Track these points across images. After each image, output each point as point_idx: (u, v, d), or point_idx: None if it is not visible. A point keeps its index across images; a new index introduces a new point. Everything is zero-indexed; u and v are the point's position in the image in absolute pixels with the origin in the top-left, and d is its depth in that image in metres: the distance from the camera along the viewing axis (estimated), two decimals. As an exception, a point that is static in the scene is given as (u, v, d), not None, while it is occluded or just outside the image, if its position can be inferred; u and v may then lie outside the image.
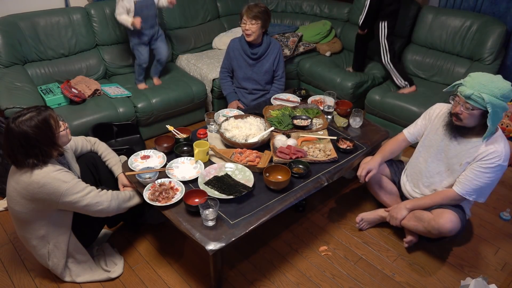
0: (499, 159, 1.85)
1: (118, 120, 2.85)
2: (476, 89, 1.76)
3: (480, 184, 1.91)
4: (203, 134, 2.23)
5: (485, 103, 1.74)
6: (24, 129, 1.61)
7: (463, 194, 1.95)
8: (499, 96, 1.74)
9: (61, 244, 1.86)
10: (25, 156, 1.65)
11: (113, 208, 1.85)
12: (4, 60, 2.85)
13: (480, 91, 1.75)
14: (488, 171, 1.88)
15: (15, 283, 2.01)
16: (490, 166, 1.87)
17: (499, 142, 1.87)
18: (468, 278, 2.00)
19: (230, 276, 2.07)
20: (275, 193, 1.94)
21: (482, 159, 1.88)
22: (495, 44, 3.07)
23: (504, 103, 1.76)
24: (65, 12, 3.12)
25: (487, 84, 1.75)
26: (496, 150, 1.85)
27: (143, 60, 3.13)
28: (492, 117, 1.77)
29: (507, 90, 1.74)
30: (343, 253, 2.22)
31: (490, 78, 1.78)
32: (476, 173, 1.90)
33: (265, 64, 2.92)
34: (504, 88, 1.74)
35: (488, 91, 1.74)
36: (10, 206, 1.79)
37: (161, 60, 3.20)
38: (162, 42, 3.16)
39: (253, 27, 2.73)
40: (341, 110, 2.55)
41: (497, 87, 1.74)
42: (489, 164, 1.87)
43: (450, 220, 1.93)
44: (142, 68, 3.18)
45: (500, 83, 1.76)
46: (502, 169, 1.89)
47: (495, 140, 1.88)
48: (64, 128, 1.76)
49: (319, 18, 4.15)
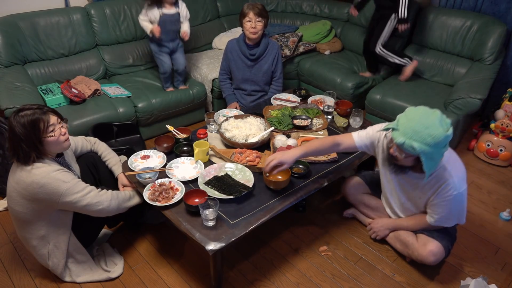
0: (454, 190, 1.77)
1: (118, 120, 2.85)
2: (408, 136, 1.60)
3: (448, 215, 1.88)
4: (203, 134, 2.23)
5: (417, 152, 1.61)
6: (14, 124, 1.63)
7: (437, 225, 1.94)
8: (432, 145, 1.58)
9: (61, 244, 1.86)
10: (12, 150, 1.68)
11: (113, 208, 1.85)
12: (4, 60, 2.85)
13: (412, 139, 1.59)
14: (449, 203, 1.83)
15: (15, 283, 2.01)
16: (448, 199, 1.81)
17: (449, 172, 1.77)
18: (468, 278, 2.00)
19: (230, 276, 2.07)
20: (275, 193, 1.94)
21: (438, 194, 1.83)
22: (495, 44, 3.07)
23: (439, 149, 1.62)
24: (65, 12, 3.12)
25: (420, 130, 1.58)
26: (447, 183, 1.77)
27: (166, 68, 3.12)
28: (427, 163, 1.64)
29: (441, 138, 1.58)
30: (343, 253, 2.22)
31: (425, 123, 1.59)
32: (440, 206, 1.86)
33: (264, 65, 2.92)
34: (438, 136, 1.57)
35: (420, 139, 1.58)
36: (10, 206, 1.79)
37: (178, 71, 3.21)
38: (180, 54, 3.17)
39: (259, 24, 2.74)
40: (341, 110, 2.55)
41: (430, 135, 1.57)
42: (446, 197, 1.81)
43: (433, 253, 1.94)
44: (167, 76, 3.17)
45: (434, 129, 1.57)
46: (462, 195, 1.81)
47: (443, 170, 1.78)
48: (57, 135, 1.71)
49: (319, 18, 4.15)
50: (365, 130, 1.99)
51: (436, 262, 1.97)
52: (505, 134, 2.94)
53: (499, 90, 3.34)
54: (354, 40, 3.89)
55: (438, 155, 1.66)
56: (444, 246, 1.97)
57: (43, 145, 1.69)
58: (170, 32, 3.01)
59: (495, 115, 3.09)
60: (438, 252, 1.95)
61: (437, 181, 1.81)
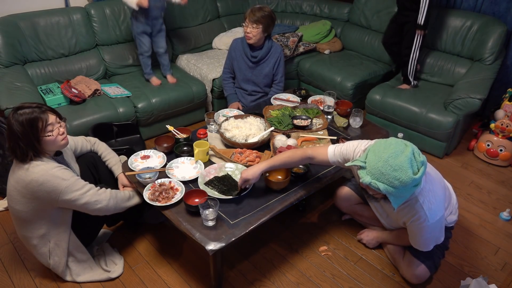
0: (425, 221, 1.71)
1: (118, 120, 2.85)
2: (374, 177, 1.53)
3: (426, 240, 1.85)
4: (203, 134, 2.23)
5: (383, 192, 1.55)
6: (12, 121, 1.63)
7: (418, 248, 1.91)
8: (398, 187, 1.51)
9: (61, 242, 1.87)
10: (11, 148, 1.68)
11: (111, 207, 1.86)
12: (4, 60, 2.85)
13: (378, 180, 1.52)
14: (422, 232, 1.78)
15: (15, 283, 2.01)
16: (422, 228, 1.75)
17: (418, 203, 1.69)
18: (468, 278, 2.00)
19: (230, 276, 2.07)
20: (275, 193, 1.94)
21: (411, 222, 1.77)
22: (495, 44, 3.07)
23: (406, 189, 1.53)
24: (65, 12, 3.12)
25: (386, 173, 1.50)
26: (419, 215, 1.70)
27: (144, 49, 3.12)
28: (395, 200, 1.57)
29: (408, 182, 1.49)
30: (343, 253, 2.22)
31: (393, 164, 1.49)
32: (415, 234, 1.83)
33: (265, 68, 2.92)
34: (405, 180, 1.49)
35: (386, 181, 1.51)
36: (11, 205, 1.79)
37: (158, 51, 3.20)
38: (161, 37, 3.16)
39: (254, 31, 2.73)
40: (341, 110, 2.55)
41: (397, 178, 1.49)
42: (418, 226, 1.76)
43: (415, 276, 1.97)
44: (146, 57, 3.16)
45: (402, 173, 1.48)
46: (435, 224, 1.74)
47: (415, 202, 1.69)
48: (55, 135, 1.71)
49: (319, 18, 4.15)
50: (342, 146, 1.84)
51: (419, 283, 2.01)
52: (505, 134, 2.94)
53: (499, 90, 3.34)
54: (354, 40, 3.90)
55: (407, 193, 1.57)
56: (429, 266, 1.97)
57: (41, 144, 1.69)
58: (154, 8, 2.96)
59: (495, 115, 3.09)
60: (421, 275, 1.97)
61: (408, 211, 1.74)
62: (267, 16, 2.72)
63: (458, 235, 2.34)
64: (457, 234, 2.34)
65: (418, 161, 1.54)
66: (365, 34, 3.81)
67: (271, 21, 2.77)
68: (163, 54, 3.22)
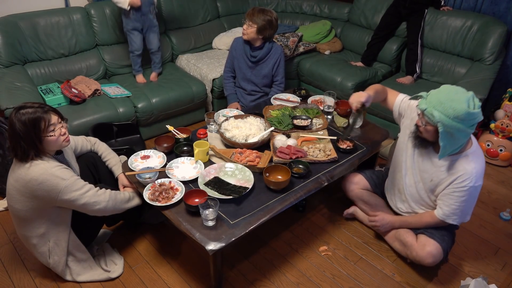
0: (470, 181, 1.78)
1: (118, 120, 2.85)
2: (431, 105, 1.67)
3: (458, 207, 1.87)
4: (203, 134, 2.23)
5: (436, 121, 1.66)
6: (14, 121, 1.63)
7: (444, 219, 1.92)
8: (452, 117, 1.63)
9: (61, 242, 1.87)
10: (11, 147, 1.68)
11: (110, 208, 1.86)
12: (4, 60, 2.85)
13: (434, 108, 1.66)
14: (462, 194, 1.83)
15: (15, 283, 2.01)
16: (462, 190, 1.81)
17: (470, 163, 1.79)
18: (468, 278, 2.00)
19: (230, 276, 2.07)
20: (275, 193, 1.94)
21: (453, 182, 1.83)
22: (495, 44, 3.07)
23: (459, 124, 1.64)
24: (65, 12, 3.12)
25: (444, 102, 1.64)
26: (466, 172, 1.78)
27: (135, 47, 3.14)
28: (444, 136, 1.68)
29: (462, 113, 1.62)
30: (343, 253, 2.22)
31: (451, 96, 1.65)
32: (451, 197, 1.86)
33: (264, 68, 2.92)
34: (459, 109, 1.62)
35: (441, 109, 1.64)
36: (10, 204, 1.79)
37: (151, 49, 3.22)
38: (154, 34, 3.18)
39: (248, 29, 2.74)
40: (341, 110, 2.55)
41: (452, 108, 1.62)
42: (461, 187, 1.81)
43: (431, 255, 1.94)
44: (136, 55, 3.19)
45: (457, 103, 1.62)
46: (476, 190, 1.82)
47: (465, 160, 1.80)
48: (57, 135, 1.71)
49: (319, 18, 4.15)
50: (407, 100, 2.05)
51: (433, 264, 1.98)
52: (505, 134, 2.94)
53: (499, 90, 3.34)
54: (354, 40, 3.89)
55: (457, 132, 1.67)
56: (443, 248, 1.97)
57: (42, 143, 1.69)
58: (142, 4, 2.98)
59: (495, 115, 3.09)
60: (437, 254, 1.95)
61: (456, 169, 1.81)
62: (266, 20, 2.71)
63: (458, 235, 2.34)
64: (457, 234, 2.34)
65: (476, 104, 1.66)
66: (365, 34, 3.81)
67: (269, 26, 2.75)
68: (155, 52, 3.24)
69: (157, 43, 3.21)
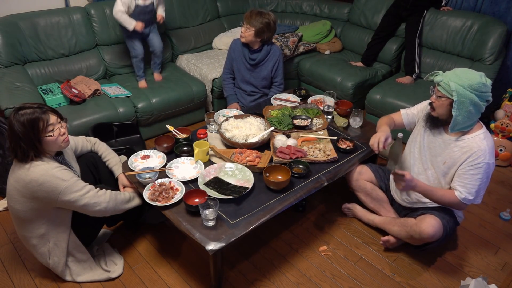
0: (484, 157, 1.84)
1: (118, 120, 2.85)
2: (447, 77, 1.79)
3: (473, 187, 1.88)
4: (203, 134, 2.23)
5: (451, 90, 1.76)
6: (13, 122, 1.63)
7: (462, 199, 1.90)
8: (466, 86, 1.74)
9: (61, 242, 1.87)
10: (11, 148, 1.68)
11: (110, 209, 1.86)
12: (4, 60, 2.85)
13: (450, 79, 1.77)
14: (477, 172, 1.86)
15: (15, 283, 2.01)
16: (477, 167, 1.85)
17: (482, 140, 1.85)
18: (468, 278, 2.00)
19: (230, 276, 2.07)
20: (275, 193, 1.94)
21: (467, 160, 1.87)
22: (495, 44, 3.07)
23: (472, 95, 1.75)
24: (65, 12, 3.12)
25: (459, 74, 1.78)
26: (480, 149, 1.84)
27: (137, 52, 3.13)
28: (458, 106, 1.77)
29: (476, 82, 1.74)
30: (343, 253, 2.22)
31: (466, 70, 1.80)
32: (467, 176, 1.88)
33: (263, 71, 2.92)
34: (474, 79, 1.75)
35: (457, 80, 1.76)
36: (10, 205, 1.79)
37: (155, 52, 3.21)
38: (154, 34, 3.17)
39: (246, 32, 2.74)
40: (341, 110, 2.55)
41: (467, 78, 1.75)
42: (476, 164, 1.85)
43: (431, 225, 1.94)
44: (139, 60, 3.17)
45: (472, 74, 1.76)
46: (490, 167, 1.87)
47: (479, 138, 1.86)
48: (56, 135, 1.71)
49: (319, 18, 4.15)
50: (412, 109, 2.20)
51: (434, 237, 1.94)
52: (505, 134, 2.94)
53: (499, 90, 3.33)
54: (354, 40, 3.89)
55: (470, 105, 1.76)
56: (444, 224, 1.97)
57: (42, 144, 1.69)
58: (145, 22, 3.00)
59: (495, 115, 3.09)
60: (437, 225, 1.94)
61: (469, 146, 1.86)
62: (264, 23, 2.71)
63: (458, 235, 2.35)
64: (457, 234, 2.34)
65: (488, 80, 1.79)
66: (365, 34, 3.81)
67: (267, 29, 2.74)
68: (157, 54, 3.24)
69: (158, 45, 3.19)
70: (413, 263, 2.16)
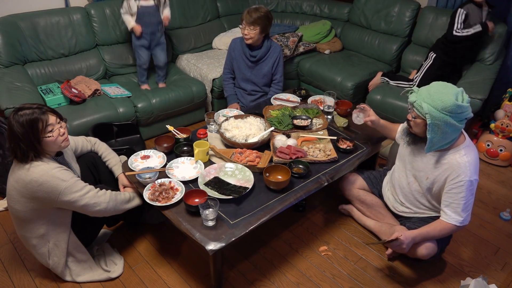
0: (464, 175, 1.78)
1: (118, 120, 2.85)
2: (421, 97, 1.74)
3: (458, 205, 1.84)
4: (203, 134, 2.23)
5: (424, 112, 1.71)
6: (13, 122, 1.63)
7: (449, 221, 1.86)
8: (440, 109, 1.68)
9: (61, 243, 1.87)
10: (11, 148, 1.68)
11: (110, 209, 1.86)
12: (4, 60, 2.85)
13: (423, 100, 1.72)
14: (459, 191, 1.81)
15: (15, 283, 2.01)
16: (459, 185, 1.80)
17: (462, 157, 1.80)
18: (468, 278, 2.00)
19: (230, 276, 2.07)
20: (275, 193, 1.94)
21: (449, 178, 1.83)
22: (495, 44, 3.07)
23: (447, 116, 1.68)
24: (65, 12, 3.12)
25: (432, 94, 1.71)
26: (459, 166, 1.78)
27: (142, 62, 3.16)
28: (432, 129, 1.72)
29: (450, 104, 1.66)
30: (343, 253, 2.22)
31: (440, 89, 1.71)
32: (450, 195, 1.85)
33: (264, 68, 2.92)
34: (447, 101, 1.67)
35: (430, 101, 1.70)
36: (10, 205, 1.79)
37: (159, 65, 3.23)
38: (162, 51, 3.19)
39: (251, 32, 2.74)
40: (341, 110, 2.55)
41: (441, 99, 1.68)
42: (457, 183, 1.80)
43: (425, 247, 1.95)
44: (143, 69, 3.20)
45: (446, 95, 1.68)
46: (472, 184, 1.81)
47: (459, 154, 1.81)
48: (56, 136, 1.71)
49: (319, 18, 4.15)
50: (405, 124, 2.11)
51: (427, 257, 1.97)
52: (505, 134, 2.94)
53: (499, 90, 3.34)
54: (354, 40, 3.90)
55: (445, 126, 1.70)
56: (438, 242, 1.97)
57: (42, 144, 1.69)
58: (149, 24, 3.01)
59: (495, 115, 3.09)
60: (431, 246, 1.95)
61: (449, 163, 1.82)
62: (264, 17, 2.72)
63: (458, 235, 2.34)
64: (457, 234, 2.34)
65: (465, 98, 1.72)
66: (365, 34, 3.82)
67: (268, 22, 2.77)
68: (161, 67, 3.24)
69: (163, 59, 3.21)
70: (413, 263, 2.15)
